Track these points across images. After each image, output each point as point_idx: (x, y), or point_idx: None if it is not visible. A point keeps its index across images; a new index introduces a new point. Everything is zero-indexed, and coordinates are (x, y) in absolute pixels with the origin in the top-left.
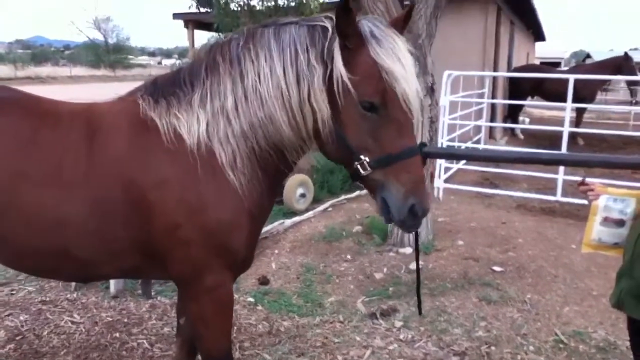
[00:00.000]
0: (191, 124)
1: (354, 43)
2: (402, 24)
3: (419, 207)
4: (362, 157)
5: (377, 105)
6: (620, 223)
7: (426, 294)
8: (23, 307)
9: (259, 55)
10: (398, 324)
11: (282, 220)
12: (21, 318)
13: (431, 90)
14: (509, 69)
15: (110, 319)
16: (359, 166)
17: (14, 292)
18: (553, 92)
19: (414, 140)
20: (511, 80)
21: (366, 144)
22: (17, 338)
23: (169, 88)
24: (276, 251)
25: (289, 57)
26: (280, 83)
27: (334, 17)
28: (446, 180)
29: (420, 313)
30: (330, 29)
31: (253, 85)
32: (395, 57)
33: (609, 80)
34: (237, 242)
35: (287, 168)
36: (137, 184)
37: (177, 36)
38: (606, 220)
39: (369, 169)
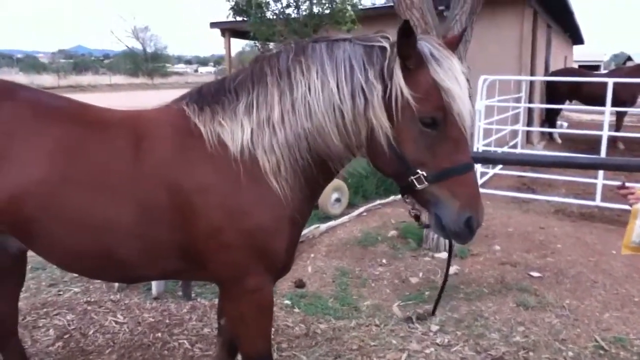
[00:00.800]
0: (235, 131)
1: (413, 63)
2: (455, 45)
3: (474, 219)
4: (418, 171)
5: (438, 121)
6: None
7: (462, 298)
8: (70, 307)
9: (310, 68)
10: (434, 327)
11: (317, 225)
12: (68, 317)
13: None
14: (546, 73)
15: (152, 320)
16: (414, 180)
17: (60, 292)
18: (591, 95)
19: (469, 156)
20: (548, 84)
21: (423, 158)
22: (65, 337)
23: (213, 96)
24: (312, 255)
25: (343, 73)
26: (332, 97)
27: (390, 37)
28: (482, 185)
29: (433, 313)
30: (388, 49)
31: (302, 97)
32: (453, 77)
33: None
34: (278, 247)
35: (328, 177)
36: (181, 189)
37: (213, 44)
38: None
39: (425, 182)
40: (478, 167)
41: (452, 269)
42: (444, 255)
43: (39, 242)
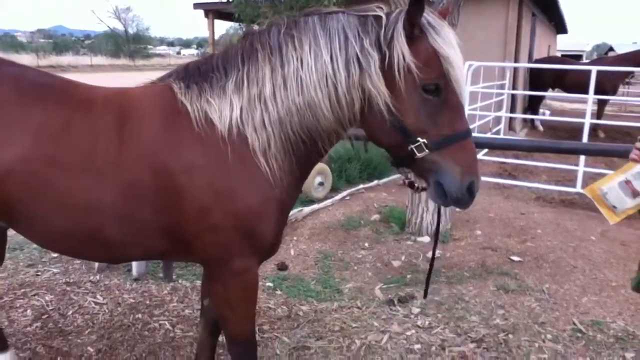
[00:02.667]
0: (223, 109)
1: (416, 32)
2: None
3: (475, 185)
4: (419, 139)
5: (441, 87)
6: (635, 195)
7: (444, 282)
8: (48, 288)
9: (303, 42)
10: (415, 310)
11: (300, 208)
12: (47, 298)
13: None
14: (530, 61)
15: (133, 301)
16: (414, 149)
17: (39, 273)
18: (574, 84)
19: (467, 123)
20: (532, 72)
21: (424, 126)
22: (43, 317)
23: (201, 74)
24: (294, 238)
25: (337, 44)
26: (326, 68)
27: (383, 7)
28: None
29: (425, 296)
30: (384, 18)
31: (295, 71)
32: (450, 45)
33: (632, 73)
34: (265, 229)
35: (317, 156)
36: (167, 169)
37: (196, 27)
38: (627, 184)
39: (426, 150)
40: None
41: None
42: (426, 239)
43: (22, 222)
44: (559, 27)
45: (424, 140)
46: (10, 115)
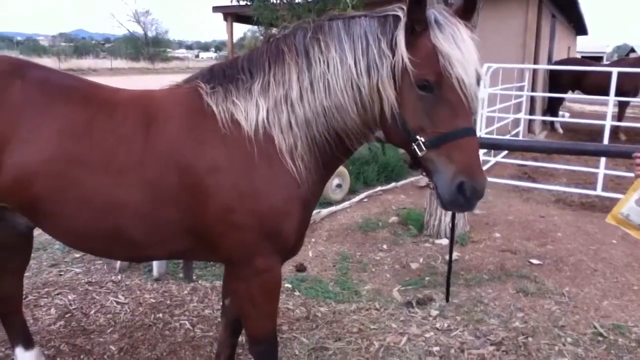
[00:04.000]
0: (249, 111)
1: (420, 28)
2: (461, 13)
3: (467, 185)
4: (418, 137)
5: (432, 84)
6: None
7: (462, 284)
8: (71, 287)
9: (329, 45)
10: (434, 312)
11: (318, 210)
12: (70, 297)
13: None
14: (550, 63)
15: (154, 301)
16: (415, 148)
17: (62, 273)
18: (594, 85)
19: (468, 122)
20: (551, 74)
21: (422, 124)
22: (67, 316)
23: (226, 76)
24: (313, 240)
25: (360, 48)
26: (351, 73)
27: (404, 7)
28: None
29: (447, 300)
30: (402, 18)
31: (321, 74)
32: (453, 42)
33: None
34: (289, 228)
35: (343, 156)
36: (192, 169)
37: (214, 30)
38: None
39: (424, 149)
40: (480, 155)
41: (453, 255)
42: (444, 241)
43: (48, 221)
44: (579, 28)
45: (422, 139)
46: (37, 116)
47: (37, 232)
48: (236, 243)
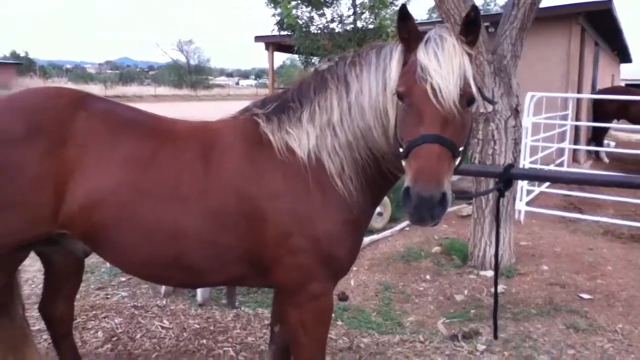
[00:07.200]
0: (301, 138)
1: (413, 47)
2: (463, 27)
3: (412, 191)
4: (400, 150)
5: (402, 94)
6: None
7: (509, 318)
8: (117, 311)
9: (363, 70)
10: (480, 347)
11: None
12: (116, 321)
13: (516, 112)
14: (593, 92)
15: (198, 326)
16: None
17: (108, 296)
18: None
19: (432, 129)
20: (595, 102)
21: (400, 134)
22: (113, 339)
23: (279, 106)
24: (354, 268)
25: (381, 70)
26: (374, 94)
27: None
28: (528, 204)
29: (495, 337)
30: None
31: (356, 97)
32: (433, 54)
33: None
34: (343, 252)
35: (385, 180)
36: (251, 196)
37: (254, 58)
38: None
39: (402, 160)
40: (524, 185)
41: (499, 288)
42: (489, 273)
43: (109, 249)
44: (623, 55)
45: (401, 149)
46: (102, 147)
47: None
48: (292, 267)
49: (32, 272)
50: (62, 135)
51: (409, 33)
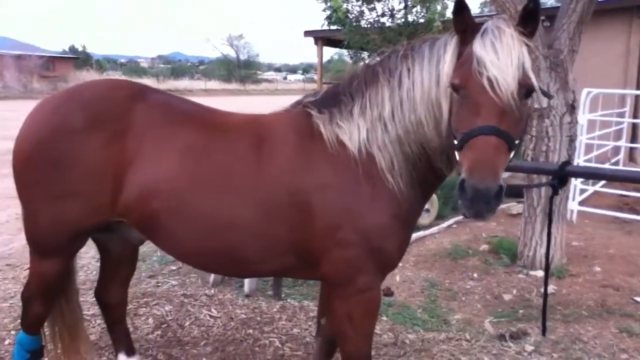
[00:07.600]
0: (352, 132)
1: (469, 39)
2: (521, 19)
3: (467, 183)
4: (455, 142)
5: (458, 86)
6: None
7: (559, 320)
8: (167, 299)
9: (415, 63)
10: (529, 348)
11: None
12: (166, 308)
13: (571, 108)
14: None
15: (244, 316)
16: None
17: (159, 284)
18: None
19: (489, 120)
20: None
21: (455, 125)
22: (163, 326)
23: (330, 100)
24: (400, 264)
25: (435, 62)
26: (427, 87)
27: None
28: (580, 203)
29: (543, 334)
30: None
31: (407, 91)
32: (490, 46)
33: None
34: (391, 246)
35: (435, 177)
36: (303, 188)
37: (302, 53)
38: None
39: (456, 153)
40: (577, 184)
41: (549, 288)
42: (539, 273)
43: (163, 237)
44: None
45: (455, 142)
46: (159, 138)
47: None
48: (340, 260)
49: (86, 258)
50: (121, 126)
51: (466, 25)
